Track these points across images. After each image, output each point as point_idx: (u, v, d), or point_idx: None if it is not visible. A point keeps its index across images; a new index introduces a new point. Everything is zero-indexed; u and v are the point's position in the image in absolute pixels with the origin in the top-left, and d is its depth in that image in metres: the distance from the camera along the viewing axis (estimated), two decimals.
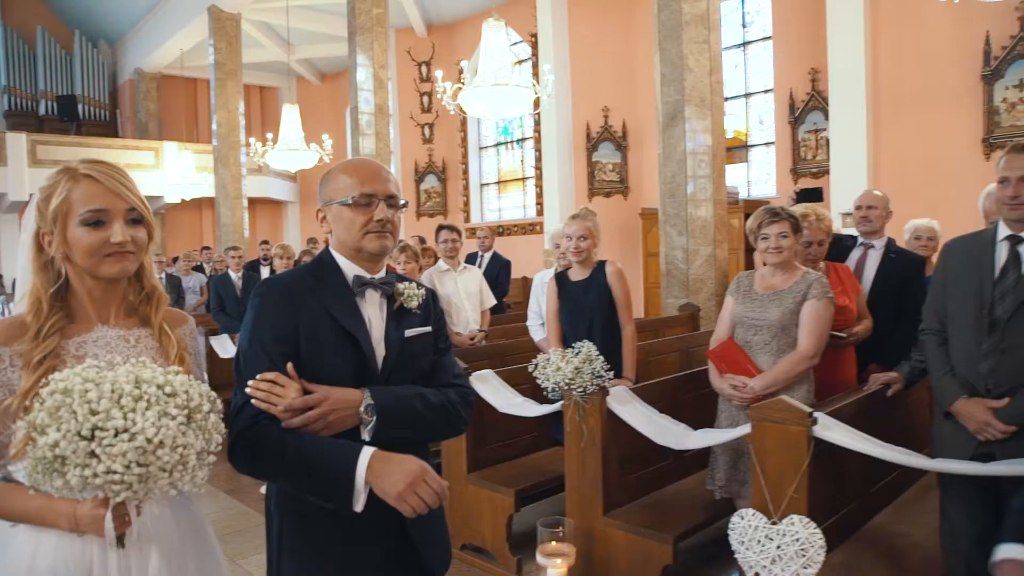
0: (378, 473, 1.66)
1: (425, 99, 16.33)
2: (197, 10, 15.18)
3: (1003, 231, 2.61)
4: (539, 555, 1.56)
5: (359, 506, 1.66)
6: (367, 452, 1.68)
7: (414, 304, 1.94)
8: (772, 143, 11.49)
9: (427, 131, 16.60)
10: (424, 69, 16.18)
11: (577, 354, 3.40)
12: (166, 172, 17.11)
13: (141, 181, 15.43)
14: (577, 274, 4.14)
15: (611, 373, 3.45)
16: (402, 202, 1.91)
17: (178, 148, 17.88)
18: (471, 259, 7.00)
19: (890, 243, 4.11)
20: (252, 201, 16.43)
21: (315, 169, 14.66)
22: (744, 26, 12.04)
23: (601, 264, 4.10)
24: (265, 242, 11.27)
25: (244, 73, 15.48)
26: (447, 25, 16.07)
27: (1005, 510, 2.49)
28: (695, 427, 3.50)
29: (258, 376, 1.71)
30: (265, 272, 9.99)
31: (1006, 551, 1.33)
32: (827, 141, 10.04)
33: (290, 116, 13.51)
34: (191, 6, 15.49)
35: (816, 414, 2.71)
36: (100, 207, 1.62)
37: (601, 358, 3.42)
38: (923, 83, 9.13)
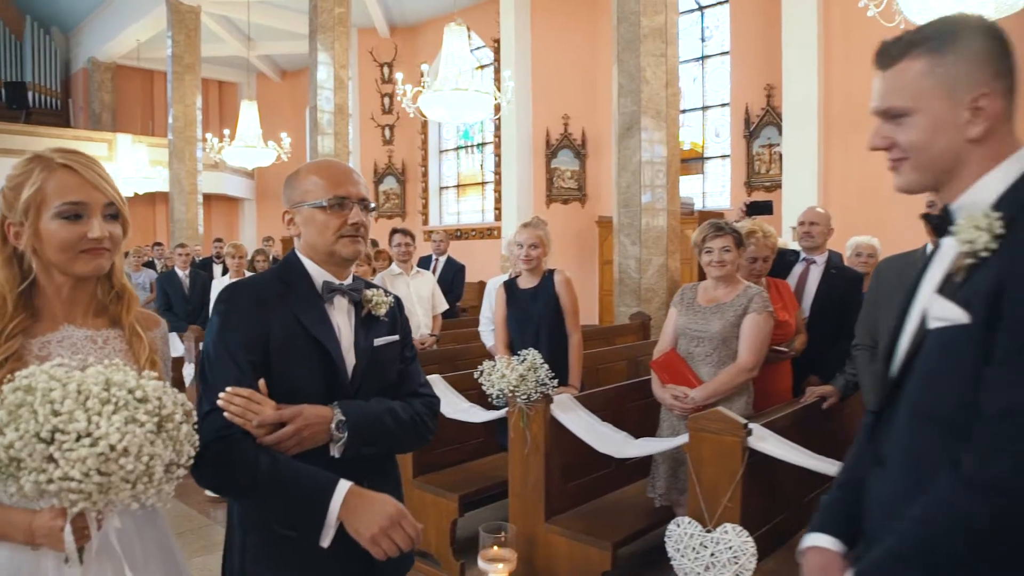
0: (353, 511, 1.59)
1: (386, 100, 16.26)
2: (155, 1, 14.93)
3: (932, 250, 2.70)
4: (481, 560, 1.57)
5: (326, 541, 1.60)
6: (344, 486, 1.61)
7: (383, 312, 1.91)
8: (727, 156, 11.71)
9: (388, 132, 16.53)
10: (386, 70, 16.13)
11: (522, 361, 3.43)
12: (119, 165, 16.77)
13: None
14: (526, 282, 4.18)
15: (555, 381, 3.49)
16: (372, 205, 1.87)
17: (132, 141, 17.55)
18: (425, 263, 7.00)
19: (831, 259, 4.24)
20: (208, 197, 16.19)
21: (273, 167, 14.52)
22: (703, 40, 12.25)
23: (550, 273, 4.14)
24: (219, 240, 11.12)
25: (203, 67, 15.27)
26: (410, 27, 16.04)
27: None
28: (638, 436, 3.56)
29: (230, 389, 1.64)
30: (217, 271, 9.85)
31: (810, 539, 1.42)
32: (780, 156, 10.26)
33: (248, 113, 13.36)
34: None
35: (751, 425, 2.78)
36: (78, 200, 1.53)
37: (546, 366, 3.45)
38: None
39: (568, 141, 13.21)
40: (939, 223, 1.28)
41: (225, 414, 1.62)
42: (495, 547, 1.58)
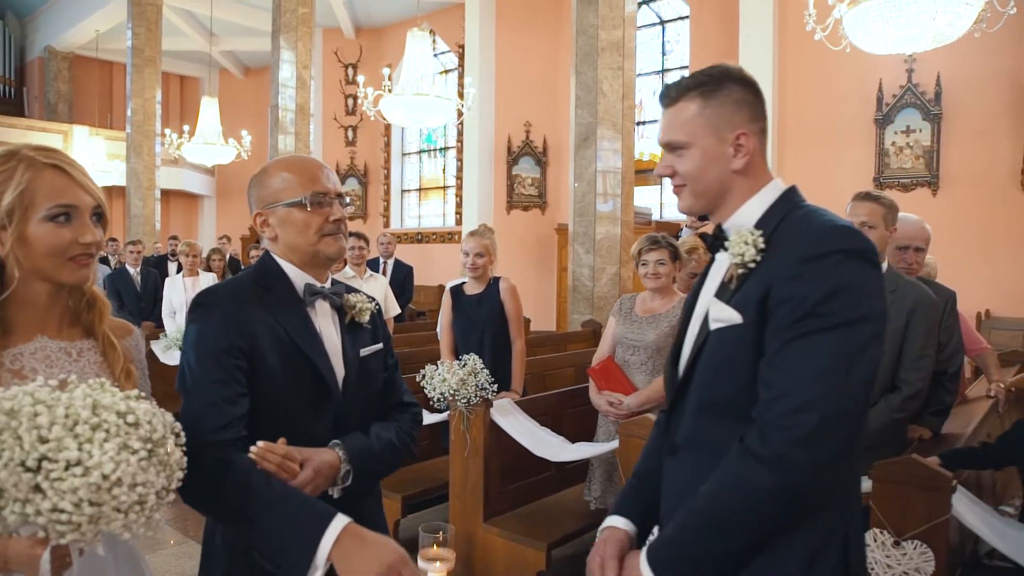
0: (347, 553, 1.40)
1: (350, 101, 16.25)
2: None
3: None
4: (420, 559, 1.58)
5: None
6: (339, 523, 1.43)
7: (366, 318, 1.82)
8: None
9: (350, 133, 16.52)
10: (351, 71, 16.12)
11: (463, 366, 3.52)
12: (76, 157, 16.04)
13: None
14: (472, 288, 4.26)
15: (495, 386, 3.58)
16: (348, 200, 1.78)
17: (89, 133, 17.29)
18: (373, 265, 7.04)
19: None
20: (166, 193, 15.98)
21: (233, 164, 14.41)
22: (664, 54, 12.47)
23: (496, 280, 4.23)
24: (174, 237, 11.02)
25: (164, 61, 15.08)
26: (376, 29, 16.06)
27: None
28: (576, 441, 3.67)
29: (262, 444, 1.52)
30: (172, 268, 9.78)
31: (607, 521, 1.62)
32: None
33: (209, 109, 13.27)
34: None
35: None
36: (69, 203, 1.43)
37: (486, 371, 3.54)
38: (823, 122, 9.71)
39: (530, 148, 13.34)
40: (713, 241, 1.50)
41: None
42: (435, 546, 1.59)
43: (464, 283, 4.33)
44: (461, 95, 10.30)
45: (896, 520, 2.18)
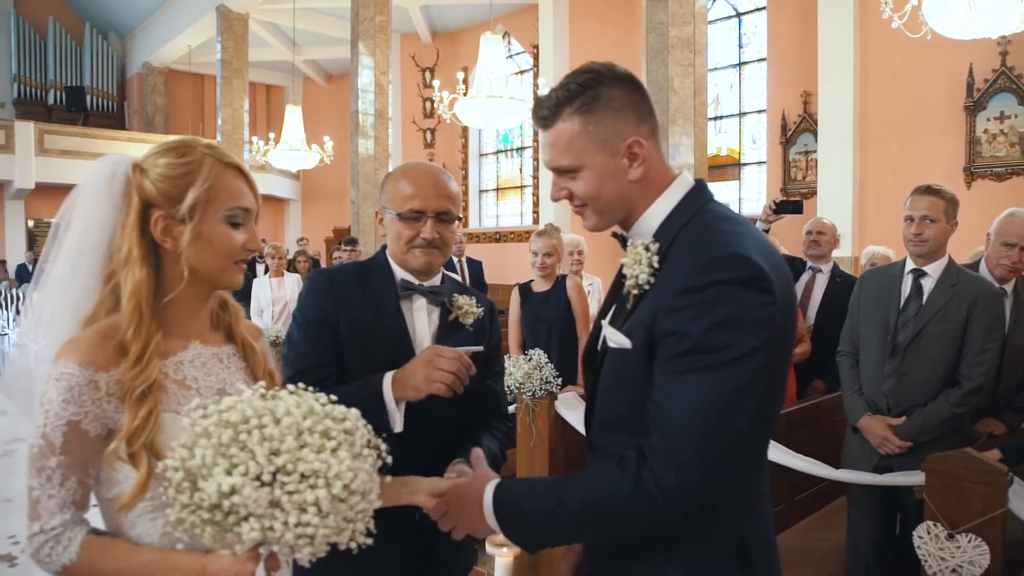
0: (401, 382, 1.68)
1: (428, 104, 16.58)
2: (206, 8, 15.49)
3: (909, 265, 2.85)
4: (489, 545, 1.63)
5: (398, 426, 1.67)
6: (387, 375, 1.70)
7: (469, 321, 1.90)
8: (764, 162, 11.70)
9: (429, 136, 16.84)
10: (427, 75, 16.44)
11: (529, 360, 3.63)
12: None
13: None
14: (540, 286, 4.37)
15: (560, 380, 3.67)
16: (457, 216, 1.88)
17: None
18: (448, 265, 7.24)
19: (835, 268, 4.36)
20: None
21: (316, 169, 14.92)
22: (740, 47, 12.27)
23: (562, 278, 4.33)
24: (262, 240, 11.49)
25: (251, 71, 15.77)
26: (451, 32, 16.33)
27: (906, 520, 2.75)
28: None
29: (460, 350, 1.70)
30: (260, 270, 10.24)
31: None
32: (816, 162, 10.27)
33: (293, 117, 13.76)
34: (200, 4, 15.79)
35: None
36: (246, 206, 1.38)
37: (550, 365, 3.64)
38: (908, 111, 9.37)
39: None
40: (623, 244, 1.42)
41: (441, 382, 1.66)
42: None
43: (532, 281, 4.45)
44: (536, 95, 10.41)
45: (951, 513, 2.17)
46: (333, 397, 1.21)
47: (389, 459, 1.22)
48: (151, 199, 1.32)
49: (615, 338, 1.32)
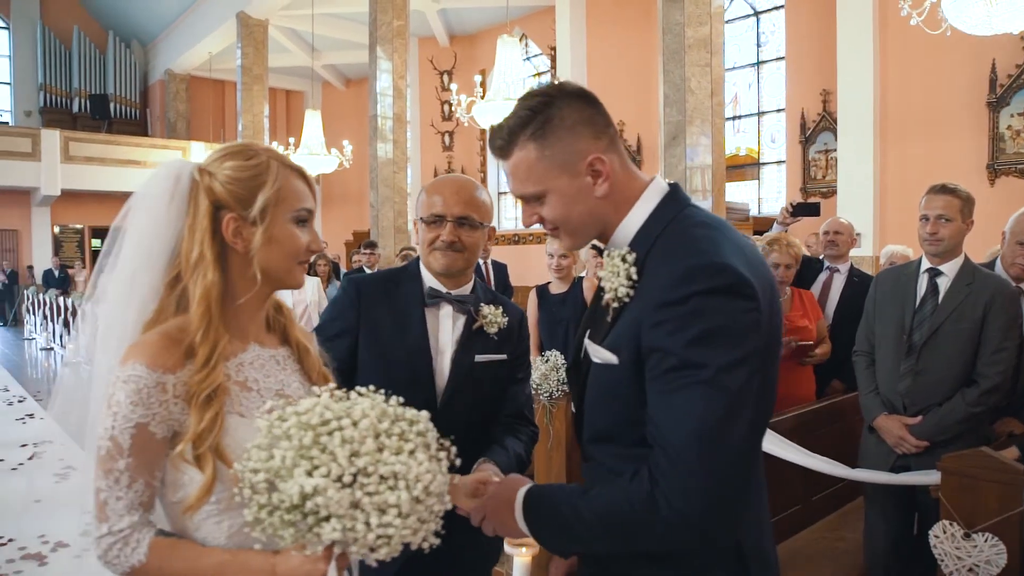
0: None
1: (446, 107, 16.65)
2: (226, 15, 15.66)
3: (925, 264, 2.84)
4: (507, 544, 1.66)
5: None
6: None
7: (493, 330, 1.96)
8: (783, 161, 11.65)
9: (447, 139, 16.92)
10: (445, 78, 16.52)
11: (546, 361, 3.65)
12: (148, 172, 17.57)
13: None
14: (556, 288, 4.39)
15: None
16: (477, 222, 1.91)
17: (205, 148, 18.38)
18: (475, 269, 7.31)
19: (852, 268, 4.34)
20: None
21: (336, 173, 15.05)
22: (759, 46, 12.22)
23: (579, 279, 4.35)
24: None
25: (271, 76, 15.92)
26: (469, 35, 16.39)
27: (923, 519, 2.74)
28: None
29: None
30: None
31: None
32: (836, 161, 10.21)
33: (312, 122, 13.88)
34: (220, 11, 15.98)
35: None
36: (310, 207, 1.40)
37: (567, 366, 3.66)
38: (930, 108, 9.28)
39: (624, 147, 13.30)
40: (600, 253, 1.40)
41: None
42: None
43: (549, 283, 4.47)
44: None
45: (966, 513, 2.16)
46: (401, 399, 1.21)
47: (458, 461, 1.22)
48: (222, 201, 1.32)
49: (599, 354, 1.30)
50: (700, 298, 1.15)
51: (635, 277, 1.25)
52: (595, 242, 1.41)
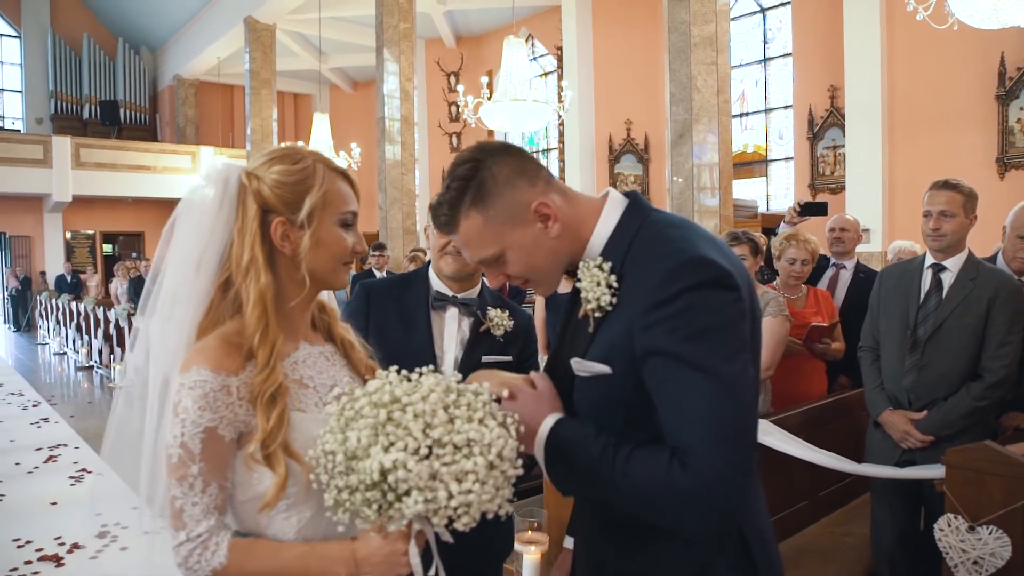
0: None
1: (453, 109, 16.69)
2: (234, 20, 15.76)
3: (928, 259, 2.85)
4: (517, 543, 1.73)
5: None
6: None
7: (499, 333, 2.01)
8: (791, 158, 11.63)
9: (455, 140, 16.96)
10: (452, 79, 16.56)
11: None
12: (194, 177, 17.72)
13: (179, 184, 15.87)
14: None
15: None
16: None
17: (214, 152, 18.54)
18: None
19: (859, 264, 4.35)
20: None
21: None
22: (765, 43, 12.21)
23: None
24: None
25: (279, 80, 16.01)
26: (475, 37, 16.43)
27: (929, 514, 2.75)
28: None
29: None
30: None
31: (565, 542, 1.62)
32: (844, 157, 10.19)
33: (320, 125, 13.95)
34: (228, 16, 16.10)
35: (760, 421, 2.95)
36: (355, 210, 1.42)
37: None
38: (938, 102, 9.25)
39: (631, 146, 13.33)
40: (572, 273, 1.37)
41: None
42: (529, 531, 1.73)
43: None
44: (561, 97, 10.47)
45: (971, 506, 2.17)
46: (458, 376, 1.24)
47: (522, 428, 1.23)
48: (270, 205, 1.34)
49: (589, 368, 1.28)
50: (689, 294, 1.16)
51: (615, 285, 1.25)
52: None
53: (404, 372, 1.22)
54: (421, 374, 1.21)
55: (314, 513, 1.30)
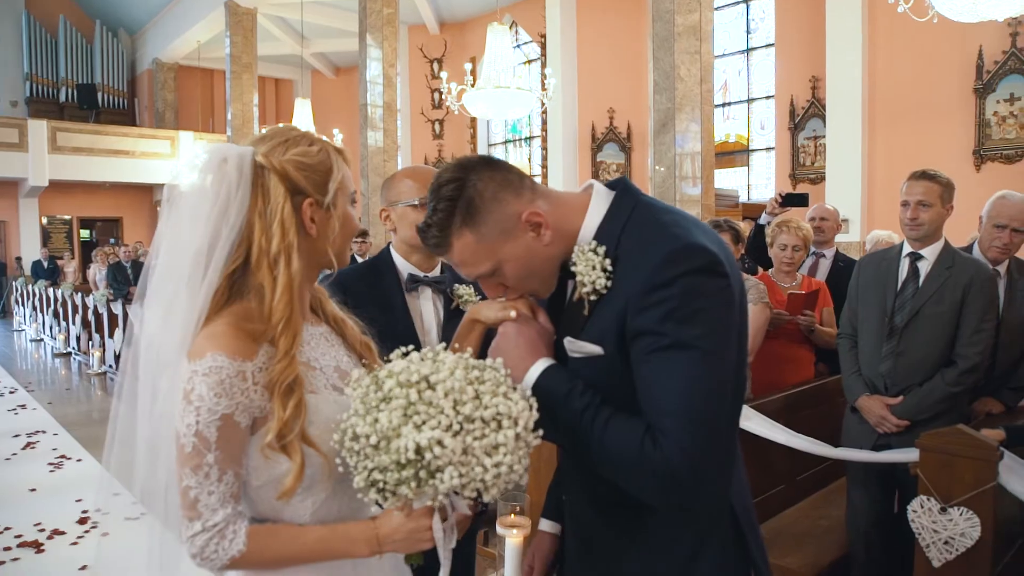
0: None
1: (436, 95, 16.63)
2: (214, 4, 15.59)
3: (906, 248, 2.90)
4: (499, 526, 1.74)
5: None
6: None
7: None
8: (772, 148, 11.71)
9: (437, 127, 16.91)
10: (435, 66, 16.49)
11: None
12: (182, 161, 17.52)
13: (158, 169, 15.68)
14: None
15: None
16: None
17: (194, 138, 18.34)
18: None
19: (838, 253, 4.41)
20: None
21: None
22: (748, 33, 12.25)
23: None
24: None
25: (260, 65, 15.86)
26: (459, 23, 16.35)
27: (904, 497, 2.81)
28: None
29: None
30: None
31: (540, 524, 1.63)
32: (825, 148, 10.28)
33: (302, 111, 13.86)
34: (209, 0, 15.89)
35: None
36: (354, 189, 1.44)
37: None
38: (918, 94, 9.35)
39: (613, 134, 13.35)
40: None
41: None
42: (512, 515, 1.74)
43: None
44: (544, 84, 10.47)
45: (943, 488, 2.23)
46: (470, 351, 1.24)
47: (534, 402, 1.22)
48: (299, 187, 1.31)
49: (582, 348, 1.31)
50: (685, 279, 1.19)
51: (610, 268, 1.27)
52: None
53: (424, 350, 1.20)
54: (442, 351, 1.21)
55: (328, 495, 1.30)
